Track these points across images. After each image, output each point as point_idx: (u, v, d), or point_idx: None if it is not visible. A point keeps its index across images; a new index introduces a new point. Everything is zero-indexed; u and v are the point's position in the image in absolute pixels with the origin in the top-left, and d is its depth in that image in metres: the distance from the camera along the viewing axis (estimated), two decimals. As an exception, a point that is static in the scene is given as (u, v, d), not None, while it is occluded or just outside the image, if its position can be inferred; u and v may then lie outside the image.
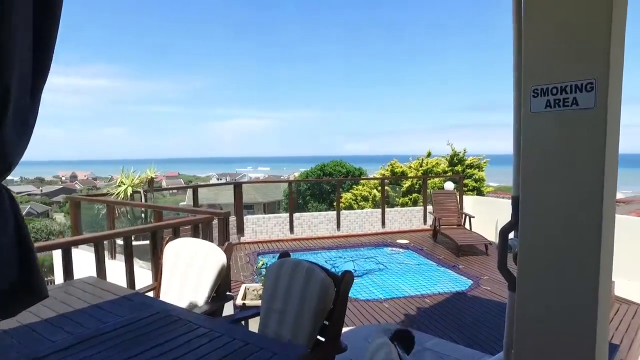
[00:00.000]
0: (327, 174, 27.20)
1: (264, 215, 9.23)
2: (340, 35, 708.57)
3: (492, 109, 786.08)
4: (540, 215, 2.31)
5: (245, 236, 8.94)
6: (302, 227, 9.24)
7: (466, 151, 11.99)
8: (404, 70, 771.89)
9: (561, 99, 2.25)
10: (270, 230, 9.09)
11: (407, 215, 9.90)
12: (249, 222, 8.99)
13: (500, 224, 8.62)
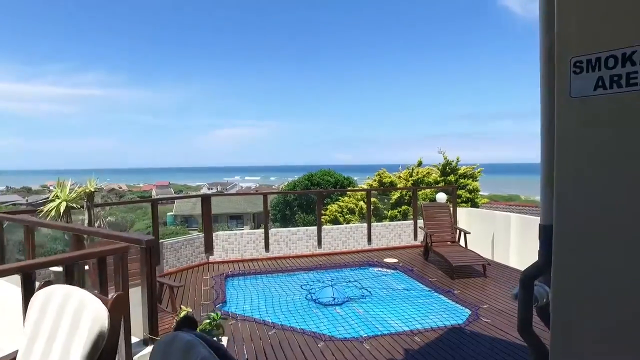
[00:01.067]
0: (315, 184, 26.30)
1: (235, 231, 8.27)
2: (332, 42, 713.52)
3: (483, 118, 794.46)
4: (592, 250, 1.40)
5: (214, 255, 7.96)
6: (278, 244, 8.29)
7: (459, 160, 11.18)
8: (394, 79, 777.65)
9: (622, 74, 1.33)
10: (242, 248, 8.12)
11: (395, 230, 8.99)
12: (218, 239, 8.02)
13: (498, 240, 7.44)
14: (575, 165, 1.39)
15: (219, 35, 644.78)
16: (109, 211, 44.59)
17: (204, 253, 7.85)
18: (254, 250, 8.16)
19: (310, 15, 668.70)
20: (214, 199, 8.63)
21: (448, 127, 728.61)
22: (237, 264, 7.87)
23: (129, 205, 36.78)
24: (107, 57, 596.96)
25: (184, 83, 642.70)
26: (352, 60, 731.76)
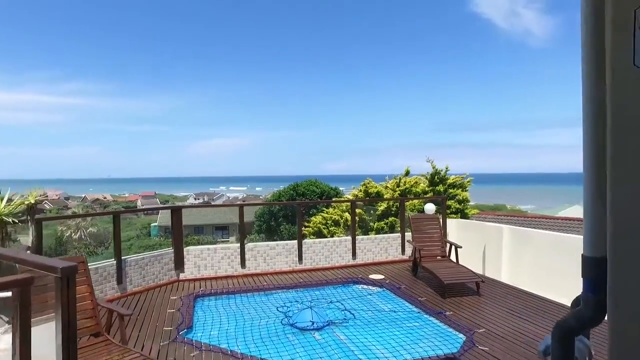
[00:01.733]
0: (300, 194, 25.70)
1: (209, 246, 7.62)
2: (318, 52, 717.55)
3: (469, 129, 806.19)
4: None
5: (185, 272, 7.30)
6: (256, 259, 7.66)
7: (448, 169, 10.72)
8: (383, 89, 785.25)
9: None
10: (217, 264, 7.47)
11: (382, 243, 8.44)
12: (190, 254, 7.36)
13: (489, 252, 6.69)
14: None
15: (207, 45, 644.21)
16: (90, 222, 43.41)
17: (174, 270, 7.18)
18: (229, 266, 7.52)
19: (301, 25, 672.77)
20: (202, 209, 8.01)
21: (433, 137, 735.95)
22: (210, 281, 7.21)
23: (112, 215, 35.69)
24: (93, 66, 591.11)
25: (171, 93, 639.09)
26: (342, 71, 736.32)
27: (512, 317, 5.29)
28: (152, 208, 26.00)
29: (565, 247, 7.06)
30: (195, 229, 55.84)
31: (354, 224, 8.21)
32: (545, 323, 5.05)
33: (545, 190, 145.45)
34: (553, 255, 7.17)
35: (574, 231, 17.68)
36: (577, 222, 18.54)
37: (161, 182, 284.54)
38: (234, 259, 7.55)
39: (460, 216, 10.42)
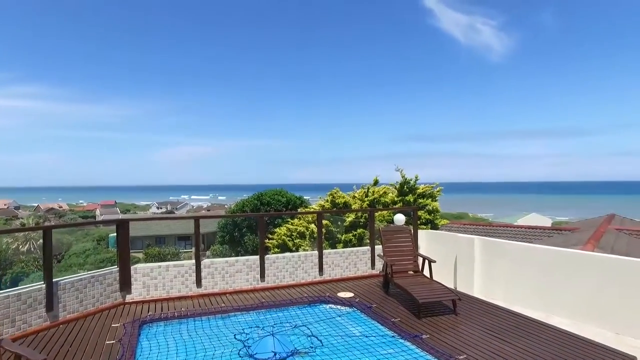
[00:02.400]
0: (265, 204, 24.93)
1: (160, 263, 6.84)
2: (286, 61, 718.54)
3: (433, 140, 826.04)
4: None
5: (132, 293, 6.49)
6: (213, 277, 6.95)
7: (418, 178, 10.37)
8: (350, 99, 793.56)
9: None
10: (169, 283, 6.70)
11: (350, 257, 7.91)
12: (138, 273, 6.56)
13: (461, 265, 6.07)
14: None
15: (170, 51, 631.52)
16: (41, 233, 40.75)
17: (119, 292, 6.36)
18: (183, 285, 6.77)
19: (271, 33, 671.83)
20: (167, 218, 7.21)
21: (398, 148, 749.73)
22: (161, 303, 6.44)
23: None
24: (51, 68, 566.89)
25: (133, 99, 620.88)
26: (309, 81, 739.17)
27: (491, 338, 4.86)
28: (92, 223, 24.08)
29: (536, 258, 6.79)
30: (157, 240, 53.63)
31: (321, 237, 7.65)
32: (525, 344, 4.67)
33: (504, 199, 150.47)
34: (525, 267, 6.89)
35: (537, 239, 17.81)
36: (540, 231, 18.73)
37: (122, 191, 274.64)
38: (189, 277, 6.80)
39: (430, 227, 10.07)
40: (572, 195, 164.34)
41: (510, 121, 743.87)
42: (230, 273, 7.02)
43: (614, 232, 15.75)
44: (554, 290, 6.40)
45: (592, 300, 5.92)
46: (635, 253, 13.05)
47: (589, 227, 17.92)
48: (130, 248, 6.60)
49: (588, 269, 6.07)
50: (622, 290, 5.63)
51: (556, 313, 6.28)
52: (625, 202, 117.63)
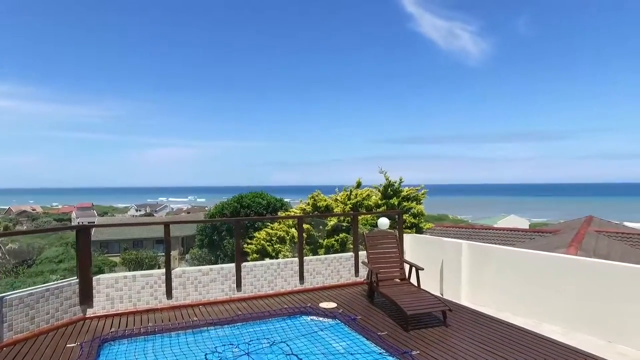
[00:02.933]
0: (245, 207, 24.31)
1: (125, 273, 6.26)
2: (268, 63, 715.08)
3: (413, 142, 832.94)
4: None
5: (94, 307, 5.91)
6: (185, 288, 6.41)
7: (402, 180, 10.02)
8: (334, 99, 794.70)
9: None
10: (136, 295, 6.14)
11: (333, 264, 7.47)
12: (101, 284, 5.98)
13: (448, 271, 5.60)
14: None
15: (151, 51, 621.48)
16: (10, 237, 38.90)
17: (79, 305, 5.77)
18: (152, 297, 6.22)
19: (252, 36, 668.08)
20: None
21: (380, 150, 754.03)
22: (126, 317, 5.88)
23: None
24: (23, 65, 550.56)
25: (113, 99, 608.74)
26: (293, 82, 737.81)
27: (484, 352, 4.50)
28: (47, 230, 22.87)
29: (525, 264, 6.52)
30: (135, 243, 52.10)
31: (302, 243, 7.19)
32: (518, 358, 4.34)
33: (483, 201, 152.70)
34: (514, 273, 6.61)
35: (519, 242, 17.74)
36: (522, 233, 18.69)
37: (100, 193, 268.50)
38: (158, 288, 6.26)
39: (415, 231, 9.73)
40: (548, 197, 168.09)
41: (487, 125, 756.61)
42: (203, 283, 6.50)
43: (594, 235, 15.78)
44: (544, 296, 6.15)
45: (582, 307, 5.69)
46: (615, 255, 13.05)
47: (569, 229, 17.97)
48: (107, 251, 6.00)
49: (578, 274, 5.83)
50: (613, 296, 5.43)
51: (546, 320, 6.04)
52: (599, 204, 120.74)
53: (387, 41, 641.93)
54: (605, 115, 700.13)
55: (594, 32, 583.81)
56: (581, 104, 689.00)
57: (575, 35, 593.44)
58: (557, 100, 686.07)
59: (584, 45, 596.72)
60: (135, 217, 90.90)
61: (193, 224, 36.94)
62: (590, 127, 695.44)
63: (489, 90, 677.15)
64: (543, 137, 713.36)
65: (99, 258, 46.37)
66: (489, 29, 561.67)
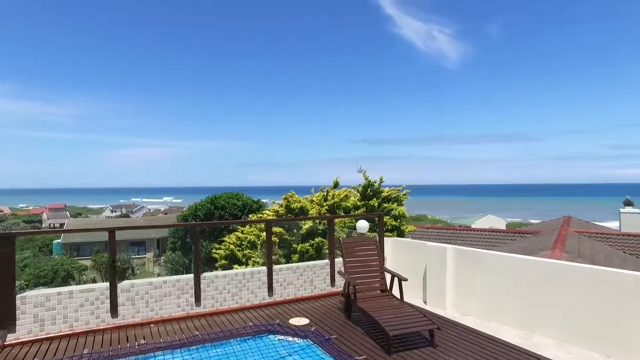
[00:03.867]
0: (219, 208, 23.28)
1: (60, 289, 5.32)
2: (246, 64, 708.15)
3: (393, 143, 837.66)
4: None
5: (18, 331, 4.96)
6: (134, 304, 5.52)
7: (383, 180, 9.32)
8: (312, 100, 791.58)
9: None
10: (73, 314, 5.22)
11: (306, 273, 6.70)
12: (28, 303, 5.03)
13: (431, 278, 4.82)
14: None
15: (126, 48, 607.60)
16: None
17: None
18: (93, 316, 5.31)
19: (231, 39, 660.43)
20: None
21: (357, 151, 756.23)
22: (60, 342, 4.95)
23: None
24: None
25: (86, 97, 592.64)
26: (269, 83, 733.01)
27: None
28: None
29: (515, 270, 5.92)
30: (106, 246, 50.15)
31: (271, 250, 6.38)
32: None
33: (460, 201, 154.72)
34: (503, 280, 6.00)
35: (501, 243, 17.35)
36: (503, 234, 18.31)
37: (74, 194, 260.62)
38: (101, 305, 5.35)
39: (397, 234, 9.04)
40: (521, 198, 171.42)
41: (463, 126, 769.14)
42: (155, 297, 5.62)
43: (575, 235, 15.50)
44: (537, 305, 5.57)
45: (579, 318, 5.14)
46: (599, 257, 12.72)
47: (550, 230, 17.71)
48: (77, 255, 5.06)
49: (573, 282, 5.26)
50: (613, 306, 4.87)
51: (539, 332, 5.49)
52: (571, 203, 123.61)
53: (367, 42, 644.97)
54: (574, 119, 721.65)
55: (562, 39, 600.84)
56: (550, 107, 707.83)
57: (545, 42, 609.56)
58: (528, 103, 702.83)
59: (554, 51, 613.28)
60: (110, 218, 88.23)
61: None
62: (560, 129, 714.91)
63: (465, 92, 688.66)
64: (516, 139, 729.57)
65: (67, 262, 44.43)
66: (465, 32, 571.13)
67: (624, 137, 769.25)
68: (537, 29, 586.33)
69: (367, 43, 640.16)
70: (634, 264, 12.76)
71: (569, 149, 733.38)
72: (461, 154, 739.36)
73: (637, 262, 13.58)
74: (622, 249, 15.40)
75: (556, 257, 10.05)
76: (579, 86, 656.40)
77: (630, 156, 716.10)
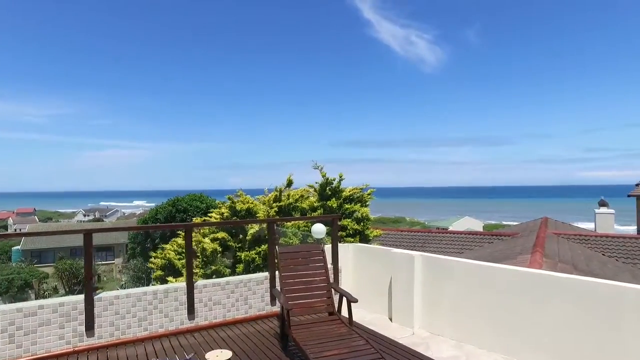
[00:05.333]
0: (180, 211, 21.72)
1: None
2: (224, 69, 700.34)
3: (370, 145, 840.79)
4: None
5: None
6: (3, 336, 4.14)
7: (343, 178, 8.13)
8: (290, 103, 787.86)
9: None
10: None
11: (240, 290, 5.41)
12: None
13: (399, 290, 3.90)
14: None
15: (103, 48, 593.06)
16: None
17: None
18: None
19: (210, 41, 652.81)
20: None
21: (334, 153, 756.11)
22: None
23: None
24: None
25: (58, 97, 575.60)
26: (247, 85, 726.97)
27: None
28: None
29: (493, 282, 4.83)
30: (72, 252, 47.36)
31: (190, 262, 5.05)
32: None
33: (437, 203, 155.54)
34: (480, 293, 4.90)
35: (477, 246, 16.44)
36: (480, 237, 17.42)
37: (45, 197, 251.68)
38: None
39: (360, 239, 7.87)
40: (497, 200, 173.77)
41: (440, 129, 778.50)
42: (27, 329, 4.25)
43: (554, 238, 14.74)
44: (517, 324, 4.53)
45: (567, 340, 4.12)
46: (580, 260, 11.87)
47: (528, 232, 16.95)
48: (39, 262, 3.62)
49: (561, 296, 4.22)
50: (608, 327, 3.85)
51: (521, 356, 4.45)
52: (544, 205, 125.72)
53: (346, 45, 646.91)
54: (542, 123, 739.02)
55: (538, 43, 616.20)
56: (520, 111, 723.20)
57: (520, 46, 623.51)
58: (503, 106, 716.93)
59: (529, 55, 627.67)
60: (82, 222, 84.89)
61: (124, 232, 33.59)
62: (529, 132, 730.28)
63: (442, 96, 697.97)
64: (491, 142, 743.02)
65: (26, 269, 41.86)
66: (443, 37, 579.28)
67: (595, 140, 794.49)
68: (512, 33, 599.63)
69: (344, 46, 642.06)
70: (614, 268, 12.01)
71: (541, 152, 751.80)
72: (438, 157, 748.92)
73: (616, 264, 12.85)
74: (601, 251, 14.67)
75: (536, 261, 9.12)
76: (553, 90, 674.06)
77: (600, 158, 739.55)
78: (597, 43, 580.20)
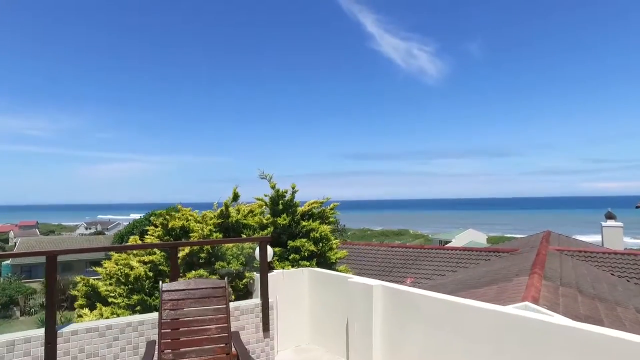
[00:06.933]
0: (158, 225, 20.55)
1: None
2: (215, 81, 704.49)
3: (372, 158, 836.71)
4: None
5: None
6: None
7: (296, 189, 6.84)
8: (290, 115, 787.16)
9: None
10: None
11: (126, 336, 4.05)
12: None
13: (356, 328, 4.09)
14: None
15: (105, 63, 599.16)
16: None
17: None
18: None
19: (209, 53, 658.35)
20: None
21: (333, 167, 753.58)
22: None
23: None
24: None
25: (64, 111, 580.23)
26: (247, 99, 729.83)
27: None
28: None
29: (467, 323, 3.53)
30: (63, 267, 45.95)
31: (52, 297, 3.75)
32: None
33: (441, 215, 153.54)
34: (452, 336, 3.60)
35: (473, 264, 15.05)
36: (477, 253, 16.03)
37: (48, 210, 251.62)
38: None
39: (317, 263, 6.57)
40: (500, 211, 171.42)
41: (442, 141, 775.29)
42: None
43: (556, 255, 13.37)
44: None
45: None
46: (585, 282, 10.44)
47: (528, 248, 15.60)
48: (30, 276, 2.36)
49: (559, 352, 2.87)
50: None
51: None
52: (548, 216, 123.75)
53: (348, 59, 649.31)
54: (547, 133, 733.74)
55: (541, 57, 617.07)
56: (523, 123, 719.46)
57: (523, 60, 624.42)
58: (507, 118, 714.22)
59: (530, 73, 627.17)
60: (84, 235, 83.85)
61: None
62: (532, 143, 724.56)
63: (445, 108, 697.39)
64: (496, 153, 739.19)
65: (12, 285, 40.57)
66: (444, 50, 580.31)
67: (602, 151, 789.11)
68: (514, 47, 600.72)
69: (346, 59, 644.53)
70: (625, 291, 10.57)
71: (547, 164, 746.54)
72: (441, 169, 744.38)
73: (627, 286, 11.37)
74: (609, 270, 13.18)
75: (534, 285, 7.75)
76: (557, 103, 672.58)
77: (606, 169, 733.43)
78: (602, 54, 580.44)
